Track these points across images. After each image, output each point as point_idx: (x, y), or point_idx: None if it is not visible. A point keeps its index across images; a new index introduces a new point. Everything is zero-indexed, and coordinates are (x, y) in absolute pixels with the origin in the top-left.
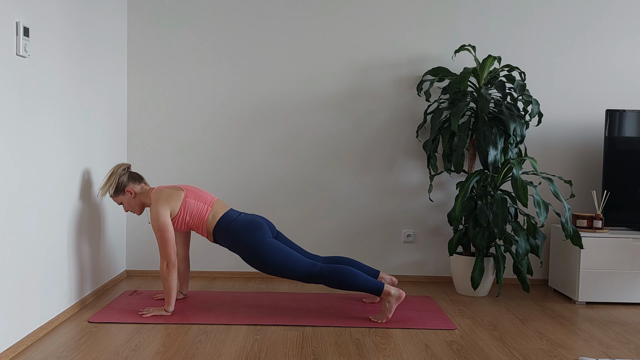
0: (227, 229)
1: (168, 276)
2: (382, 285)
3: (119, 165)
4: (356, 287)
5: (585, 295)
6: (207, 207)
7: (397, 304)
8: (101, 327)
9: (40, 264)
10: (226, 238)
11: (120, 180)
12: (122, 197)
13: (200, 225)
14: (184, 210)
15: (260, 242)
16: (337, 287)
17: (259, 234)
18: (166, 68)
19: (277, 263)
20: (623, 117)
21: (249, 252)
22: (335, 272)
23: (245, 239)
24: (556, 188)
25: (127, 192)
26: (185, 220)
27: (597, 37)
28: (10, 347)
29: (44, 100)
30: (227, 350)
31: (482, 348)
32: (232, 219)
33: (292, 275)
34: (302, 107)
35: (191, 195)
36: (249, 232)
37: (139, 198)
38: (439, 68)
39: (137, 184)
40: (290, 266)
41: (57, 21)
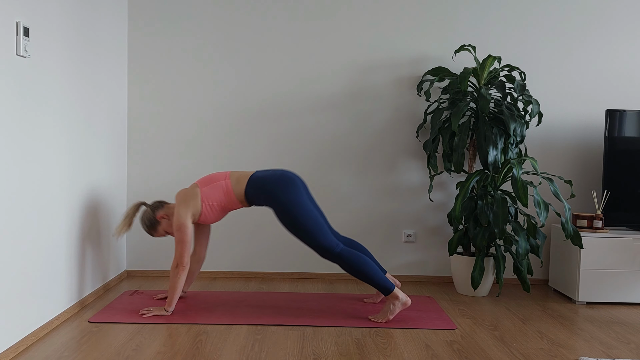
0: (259, 185)
1: (176, 277)
2: (393, 286)
3: (134, 206)
4: (369, 279)
5: (586, 295)
6: (225, 180)
7: (401, 309)
8: (102, 327)
9: (41, 264)
10: (261, 194)
11: (147, 218)
12: (161, 226)
13: (230, 199)
14: (206, 200)
15: (295, 201)
16: (350, 272)
17: (294, 191)
18: (166, 68)
19: (307, 229)
20: (623, 117)
21: (282, 209)
22: (354, 258)
23: (280, 196)
24: (556, 188)
25: (161, 219)
26: (214, 207)
27: (597, 37)
28: (11, 347)
29: (44, 101)
30: (228, 350)
31: (482, 348)
32: (261, 175)
33: (314, 244)
34: (302, 107)
35: (204, 182)
36: (282, 187)
37: (172, 216)
38: (439, 68)
39: (162, 208)
40: (316, 236)
41: (57, 21)
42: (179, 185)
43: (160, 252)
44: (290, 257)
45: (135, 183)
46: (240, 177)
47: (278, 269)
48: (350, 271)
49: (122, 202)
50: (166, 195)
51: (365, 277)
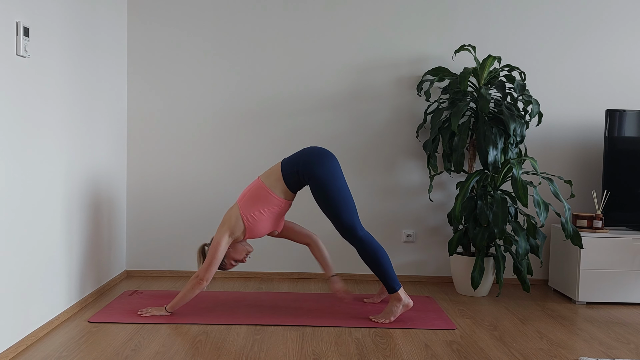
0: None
1: (192, 289)
2: (399, 286)
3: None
4: (381, 271)
5: (585, 295)
6: (256, 184)
7: (403, 311)
8: (101, 327)
9: (41, 263)
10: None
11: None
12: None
13: (268, 199)
14: (244, 214)
15: (333, 174)
16: (365, 259)
17: (330, 164)
18: (166, 68)
19: (338, 204)
20: (623, 117)
21: (319, 182)
22: (374, 246)
23: (317, 170)
24: (556, 188)
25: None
26: (255, 216)
27: (597, 37)
28: (11, 347)
29: (44, 100)
30: (227, 350)
31: (482, 348)
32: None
33: (340, 221)
34: (302, 107)
35: (241, 197)
36: (318, 159)
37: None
38: (439, 68)
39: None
40: (345, 213)
41: (57, 21)
42: (178, 184)
43: (160, 253)
44: (290, 257)
45: (135, 183)
46: (271, 170)
47: (277, 269)
48: (366, 258)
49: (122, 201)
50: (165, 193)
51: (379, 267)
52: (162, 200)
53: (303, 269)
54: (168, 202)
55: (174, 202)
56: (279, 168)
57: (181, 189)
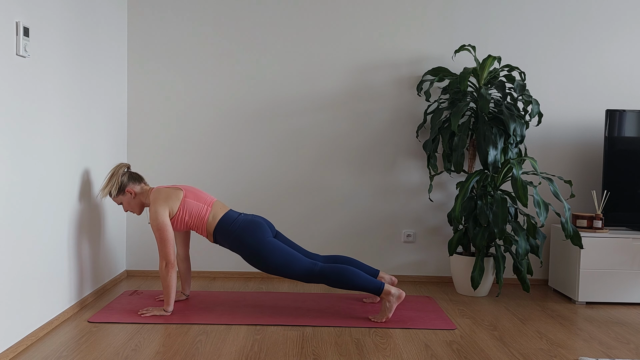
0: (228, 229)
1: (167, 276)
2: (382, 284)
3: (119, 165)
4: (357, 286)
5: (585, 295)
6: (207, 207)
7: (397, 303)
8: (101, 327)
9: (41, 263)
10: (227, 238)
11: (120, 180)
12: (122, 197)
13: (200, 226)
14: (182, 210)
15: (261, 241)
16: (338, 287)
17: (260, 233)
18: (166, 68)
19: (278, 262)
20: (623, 117)
21: (250, 252)
22: (336, 271)
23: (247, 239)
24: (556, 188)
25: (127, 192)
26: (184, 220)
27: (597, 37)
28: (11, 347)
29: (44, 100)
30: (227, 350)
31: (482, 348)
32: (232, 219)
33: (293, 274)
34: (302, 107)
35: (190, 195)
36: (249, 232)
37: (139, 198)
38: (439, 68)
39: (137, 184)
40: (291, 265)
41: (57, 21)
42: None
43: None
44: None
45: None
46: (217, 213)
47: None
48: (336, 285)
49: None
50: None
51: (353, 285)
52: None
53: None
54: None
55: None
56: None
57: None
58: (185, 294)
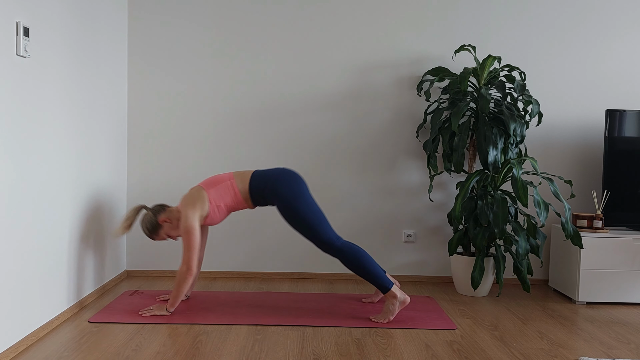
0: (261, 184)
1: (183, 281)
2: (391, 284)
3: (134, 210)
4: (369, 274)
5: (586, 295)
6: (230, 181)
7: (401, 308)
8: (102, 327)
9: (41, 264)
10: (263, 193)
11: (148, 221)
12: (162, 230)
13: (237, 199)
14: (213, 202)
15: (297, 193)
16: (350, 268)
17: (296, 185)
18: (167, 68)
19: (309, 219)
20: (623, 117)
21: (284, 202)
22: (355, 252)
23: (281, 189)
24: (556, 188)
25: (163, 222)
26: (221, 207)
27: (597, 37)
28: (11, 347)
29: (44, 101)
30: (228, 350)
31: (482, 348)
32: (262, 173)
33: (317, 237)
34: (302, 108)
35: (209, 184)
36: (284, 182)
37: (175, 219)
38: (439, 68)
39: (164, 211)
40: (319, 227)
41: (57, 21)
42: (178, 185)
43: (160, 253)
44: (290, 257)
45: (135, 182)
46: (244, 176)
47: (278, 269)
48: (350, 266)
49: (122, 201)
50: (166, 194)
51: (365, 272)
52: (162, 200)
53: (303, 269)
54: (168, 202)
55: (174, 202)
56: (249, 179)
57: (181, 189)
58: (187, 295)
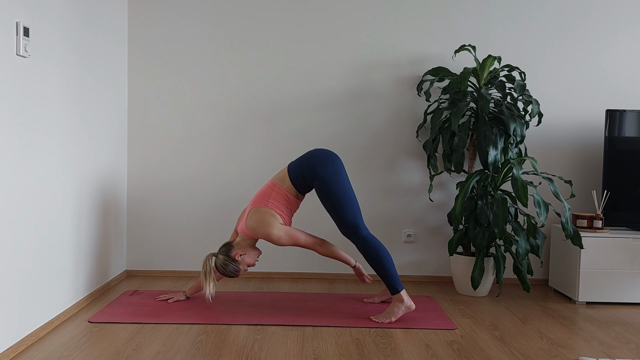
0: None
1: (328, 251)
2: (402, 287)
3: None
4: (384, 270)
5: (586, 295)
6: (273, 185)
7: (404, 312)
8: (102, 327)
9: (41, 263)
10: (303, 179)
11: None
12: (242, 265)
13: (289, 199)
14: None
15: (336, 172)
16: (368, 259)
17: (333, 163)
18: (167, 68)
19: (342, 202)
20: (623, 117)
21: (323, 180)
22: (378, 245)
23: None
24: (556, 188)
25: (239, 257)
26: (285, 213)
27: (597, 37)
28: (11, 347)
29: (44, 100)
30: (228, 350)
31: (482, 348)
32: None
33: (345, 219)
34: (302, 107)
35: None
36: (321, 159)
37: (247, 247)
38: (439, 68)
39: (233, 248)
40: (349, 210)
41: (58, 21)
42: (179, 184)
43: (160, 253)
44: (291, 257)
45: (136, 182)
46: (282, 175)
47: (278, 269)
48: (368, 257)
49: (123, 201)
50: (166, 193)
51: (381, 267)
52: (162, 200)
53: (303, 269)
54: (168, 202)
55: (175, 202)
56: (287, 173)
57: (182, 189)
58: (187, 295)
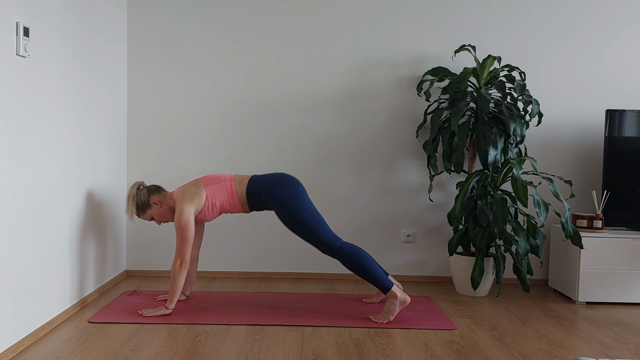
0: (258, 188)
1: (178, 275)
2: (391, 284)
3: (133, 185)
4: (369, 274)
5: (585, 295)
6: (230, 182)
7: (401, 308)
8: (101, 327)
9: (40, 263)
10: (260, 197)
11: (140, 198)
12: (150, 211)
13: (233, 202)
14: (210, 198)
15: (294, 196)
16: (350, 268)
17: (293, 188)
18: (166, 68)
19: (307, 222)
20: (623, 117)
21: (282, 206)
22: (355, 252)
23: (279, 193)
24: (556, 188)
25: (153, 204)
26: (215, 206)
27: (597, 37)
28: (10, 347)
29: (44, 100)
30: (227, 350)
31: (482, 348)
32: (260, 178)
33: (316, 238)
34: (302, 107)
35: (209, 181)
36: (281, 185)
37: (166, 205)
38: (439, 68)
39: (158, 194)
40: (318, 229)
41: (57, 21)
42: (177, 183)
43: (160, 253)
44: (290, 257)
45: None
46: (242, 179)
47: (277, 269)
48: (349, 266)
49: (122, 201)
50: None
51: (364, 272)
52: None
53: (303, 269)
54: None
55: None
56: (247, 181)
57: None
58: (186, 295)
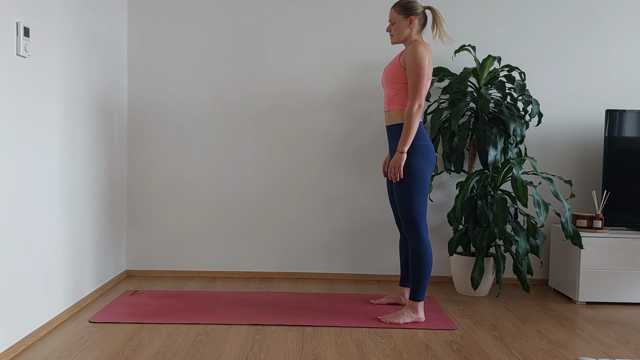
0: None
1: (417, 117)
2: (422, 299)
3: None
4: (420, 275)
5: (585, 295)
6: None
7: (412, 322)
8: (101, 327)
9: (41, 263)
10: None
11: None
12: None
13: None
14: None
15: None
16: (412, 259)
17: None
18: (166, 68)
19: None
20: (623, 117)
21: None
22: (428, 252)
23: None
24: (556, 188)
25: (410, 19)
26: None
27: (597, 37)
28: (10, 347)
29: (44, 100)
30: (227, 350)
31: (482, 348)
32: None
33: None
34: (301, 107)
35: None
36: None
37: (410, 31)
38: (439, 68)
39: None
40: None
41: (57, 21)
42: (179, 184)
43: (160, 253)
44: (290, 257)
45: (135, 182)
46: None
47: (277, 269)
48: (413, 257)
49: (122, 200)
50: (167, 193)
51: (419, 272)
52: (162, 200)
53: (303, 269)
54: (168, 202)
55: (175, 202)
56: None
57: (182, 189)
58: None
